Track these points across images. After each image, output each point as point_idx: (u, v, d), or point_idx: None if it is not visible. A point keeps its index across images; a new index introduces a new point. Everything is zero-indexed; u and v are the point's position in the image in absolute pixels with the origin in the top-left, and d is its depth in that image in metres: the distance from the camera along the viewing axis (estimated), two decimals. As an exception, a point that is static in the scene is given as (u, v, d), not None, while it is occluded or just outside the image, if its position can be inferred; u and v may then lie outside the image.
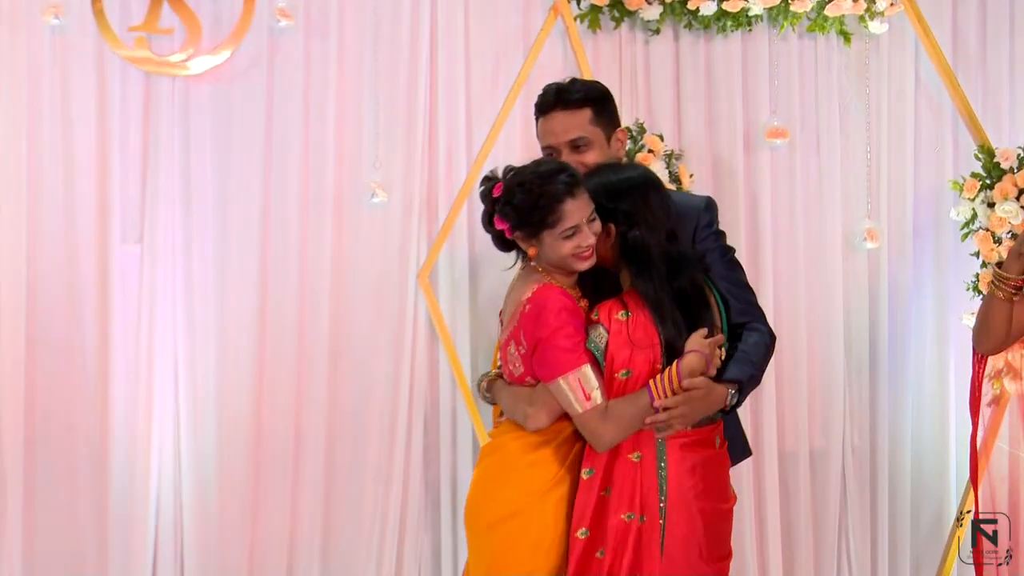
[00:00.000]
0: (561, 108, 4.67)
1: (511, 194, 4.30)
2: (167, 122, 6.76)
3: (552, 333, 4.21)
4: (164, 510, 6.80)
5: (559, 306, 4.23)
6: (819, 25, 7.00)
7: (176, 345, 6.80)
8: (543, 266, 4.38)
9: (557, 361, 4.21)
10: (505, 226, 4.34)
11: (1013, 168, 6.79)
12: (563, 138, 4.67)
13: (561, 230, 4.26)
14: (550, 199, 4.24)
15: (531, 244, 4.33)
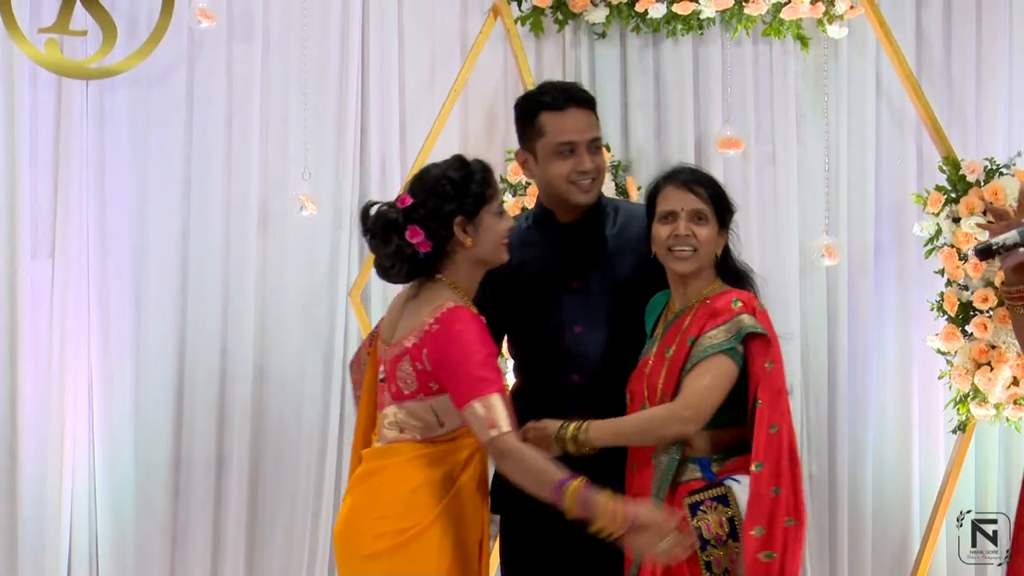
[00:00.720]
0: (575, 106, 4.53)
1: (437, 184, 4.19)
2: (80, 129, 6.68)
3: (467, 357, 4.10)
4: (78, 539, 6.70)
5: (474, 329, 4.14)
6: (775, 29, 6.90)
7: (90, 367, 6.72)
8: (455, 281, 4.25)
9: (473, 383, 4.08)
10: (421, 236, 4.16)
11: (980, 181, 6.63)
12: (586, 135, 4.52)
13: (497, 204, 4.22)
14: (483, 171, 4.22)
15: (467, 234, 4.19)
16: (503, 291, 4.50)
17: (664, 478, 4.23)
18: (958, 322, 6.55)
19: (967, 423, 6.66)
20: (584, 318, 4.51)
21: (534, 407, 4.46)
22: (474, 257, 4.22)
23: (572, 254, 4.54)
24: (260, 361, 6.77)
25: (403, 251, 4.16)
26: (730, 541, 4.15)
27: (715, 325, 4.22)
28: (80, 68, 6.56)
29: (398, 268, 4.21)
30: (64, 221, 6.65)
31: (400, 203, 4.17)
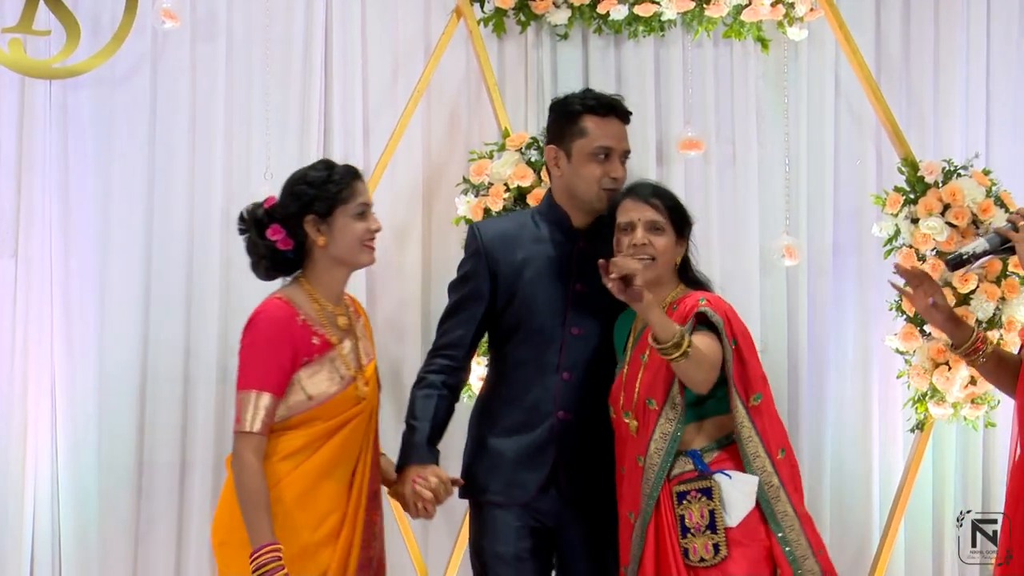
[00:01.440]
0: (616, 116, 4.74)
1: (295, 184, 4.42)
2: (43, 129, 6.63)
3: (249, 345, 4.34)
4: (41, 540, 6.62)
5: (271, 322, 4.33)
6: (735, 31, 6.89)
7: (53, 367, 6.65)
8: (314, 281, 4.45)
9: (242, 374, 4.32)
10: (280, 234, 4.40)
11: (938, 182, 6.64)
12: (622, 145, 4.75)
13: (355, 205, 4.38)
14: (343, 174, 4.42)
15: (320, 233, 4.39)
16: (508, 281, 4.66)
17: (659, 475, 4.41)
18: (917, 322, 6.57)
19: (925, 422, 6.68)
20: (582, 321, 4.65)
21: (517, 401, 4.66)
22: (331, 256, 4.42)
23: (581, 258, 4.64)
24: (224, 362, 6.68)
25: (267, 248, 4.41)
26: (708, 532, 4.36)
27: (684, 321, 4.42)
28: (43, 68, 6.51)
29: (263, 265, 4.46)
30: (27, 220, 6.59)
31: (266, 203, 4.45)
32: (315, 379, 4.35)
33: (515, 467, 4.67)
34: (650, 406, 4.46)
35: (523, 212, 4.94)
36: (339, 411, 4.39)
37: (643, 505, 4.42)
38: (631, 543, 4.45)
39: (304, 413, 4.34)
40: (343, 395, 4.40)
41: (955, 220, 6.52)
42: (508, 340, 4.72)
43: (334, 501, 4.36)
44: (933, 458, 6.97)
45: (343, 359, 4.42)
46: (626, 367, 4.55)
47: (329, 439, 4.37)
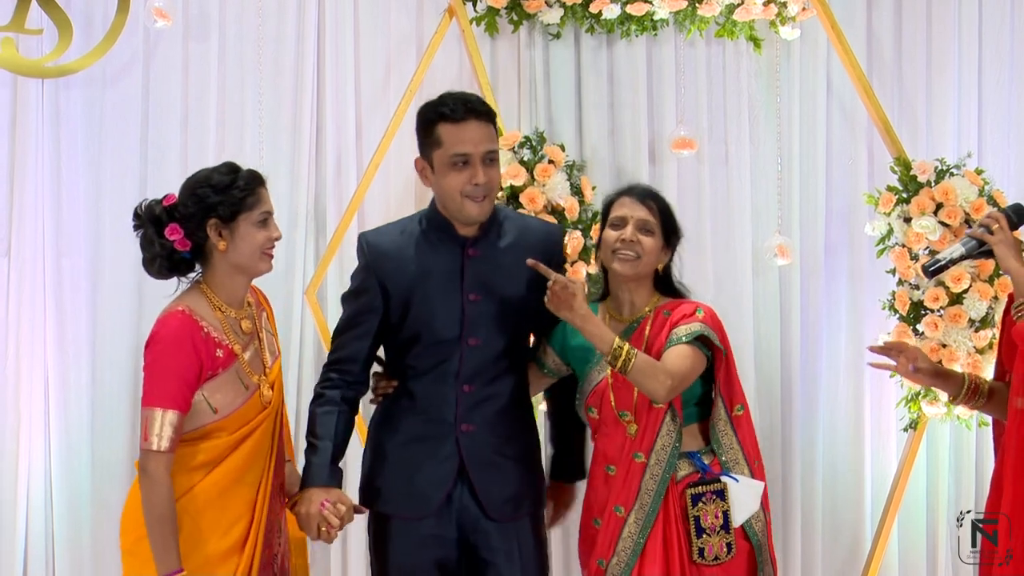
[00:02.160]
0: (473, 117, 4.49)
1: (198, 186, 4.33)
2: (36, 128, 6.63)
3: (154, 361, 4.25)
4: (34, 539, 6.65)
5: (175, 338, 4.24)
6: (728, 30, 6.88)
7: (46, 366, 6.66)
8: (212, 285, 4.38)
9: (148, 390, 4.24)
10: (179, 235, 4.31)
11: (931, 181, 6.65)
12: (480, 148, 4.50)
13: (259, 213, 4.31)
14: (248, 180, 4.34)
15: (222, 238, 4.31)
16: (400, 296, 4.51)
17: (665, 473, 4.53)
18: (909, 321, 6.58)
19: (918, 421, 6.69)
20: (479, 331, 4.52)
21: (418, 412, 4.56)
22: (231, 262, 4.33)
23: (472, 267, 4.53)
24: None
25: (157, 248, 4.33)
26: (722, 531, 4.54)
27: (681, 325, 4.53)
28: (36, 67, 6.51)
29: (158, 264, 4.37)
30: (20, 220, 6.60)
31: (166, 201, 4.35)
32: (220, 393, 4.28)
33: (418, 479, 4.56)
34: (654, 405, 4.50)
35: (411, 219, 4.68)
36: (244, 420, 4.33)
37: (644, 501, 4.51)
38: (618, 536, 4.52)
39: (209, 425, 4.27)
40: (247, 405, 4.34)
41: (948, 219, 6.52)
42: (406, 352, 4.59)
43: (244, 506, 4.32)
44: (927, 457, 6.98)
45: (246, 367, 4.35)
46: (610, 370, 4.57)
47: (237, 448, 4.31)
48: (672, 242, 4.69)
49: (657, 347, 4.52)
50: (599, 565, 4.54)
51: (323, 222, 6.81)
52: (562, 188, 6.45)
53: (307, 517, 4.43)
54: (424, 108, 4.56)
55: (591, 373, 4.65)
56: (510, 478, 4.60)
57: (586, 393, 4.67)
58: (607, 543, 4.53)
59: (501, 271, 4.54)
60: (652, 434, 4.52)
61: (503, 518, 4.58)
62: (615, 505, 4.54)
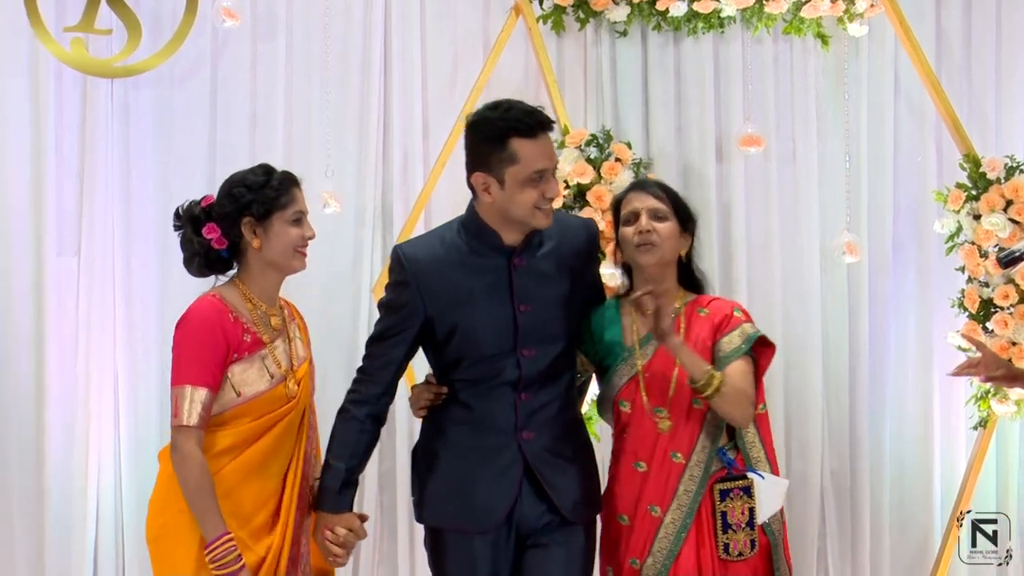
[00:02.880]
0: (542, 131, 4.35)
1: (233, 185, 4.50)
2: (105, 128, 6.69)
3: (183, 341, 4.36)
4: (104, 535, 6.70)
5: (203, 318, 4.36)
6: (795, 27, 6.89)
7: (115, 364, 6.71)
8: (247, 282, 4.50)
9: (177, 369, 4.33)
10: (216, 233, 4.46)
11: (1000, 178, 6.61)
12: (554, 161, 4.42)
13: (292, 212, 4.46)
14: (282, 180, 4.51)
15: (256, 235, 4.43)
16: (447, 312, 4.41)
17: (704, 473, 4.50)
18: (979, 319, 6.54)
19: (988, 419, 6.65)
20: (533, 340, 4.44)
21: (476, 425, 4.49)
22: (264, 259, 4.45)
23: (519, 278, 4.43)
24: None
25: (201, 246, 4.46)
26: (747, 528, 4.52)
27: (728, 331, 4.55)
28: (105, 67, 6.56)
29: (196, 262, 4.50)
30: (89, 218, 6.65)
31: (204, 202, 4.51)
32: (245, 376, 4.35)
33: (479, 492, 4.46)
34: (695, 405, 4.49)
35: (446, 228, 4.51)
36: (268, 409, 4.38)
37: (682, 502, 4.49)
38: (655, 536, 4.50)
39: (233, 409, 4.33)
40: (272, 393, 4.38)
41: (1018, 216, 6.49)
42: (457, 367, 4.49)
43: (261, 499, 4.36)
44: (996, 456, 6.92)
45: (274, 357, 4.42)
46: (642, 362, 4.55)
47: (259, 439, 4.36)
48: (689, 227, 4.66)
49: (701, 345, 4.52)
50: (632, 565, 4.51)
51: (390, 220, 6.83)
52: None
53: (318, 544, 4.51)
54: (487, 121, 4.35)
55: (622, 367, 4.59)
56: (578, 480, 4.56)
57: (617, 387, 4.59)
58: (641, 543, 4.51)
59: (547, 277, 4.47)
60: (692, 434, 4.51)
61: (576, 519, 4.53)
62: (650, 505, 4.50)
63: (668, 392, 4.52)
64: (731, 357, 4.50)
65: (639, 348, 4.56)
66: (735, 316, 4.57)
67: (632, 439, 4.58)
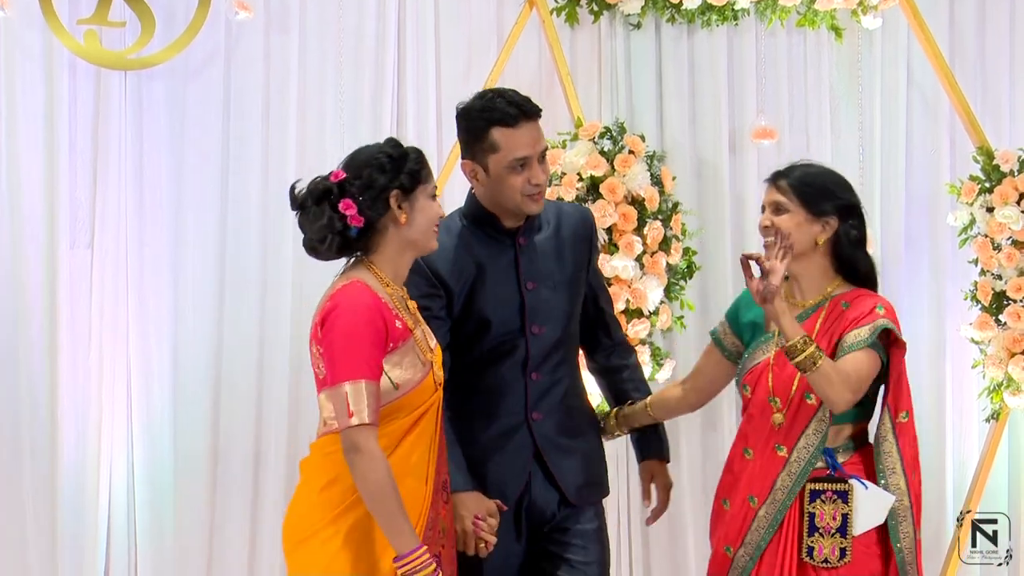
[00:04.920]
0: (526, 119, 4.41)
1: (373, 158, 4.12)
2: (118, 120, 6.64)
3: (342, 333, 3.98)
4: (116, 529, 6.65)
5: (362, 306, 4.00)
6: (809, 19, 6.90)
7: (128, 355, 6.67)
8: (381, 265, 4.13)
9: (340, 365, 3.96)
10: (353, 210, 4.06)
11: (1013, 171, 6.65)
12: (538, 148, 4.45)
13: (432, 186, 4.15)
14: (420, 154, 4.18)
15: (402, 210, 4.09)
16: (461, 290, 4.45)
17: (805, 470, 4.35)
18: (992, 311, 6.56)
19: (1001, 412, 6.66)
20: (540, 318, 4.50)
21: (486, 407, 4.51)
22: (405, 238, 4.11)
23: (524, 256, 4.51)
24: (298, 351, 6.59)
25: (334, 225, 4.07)
26: (836, 535, 4.33)
27: (859, 326, 4.35)
28: (118, 59, 6.54)
29: (328, 243, 4.09)
30: (102, 211, 6.62)
31: (334, 177, 4.11)
32: (400, 368, 4.06)
33: (492, 473, 4.49)
34: (808, 400, 4.37)
35: (450, 217, 4.54)
36: (422, 400, 4.11)
37: (777, 497, 4.38)
38: (749, 527, 4.42)
39: (390, 404, 4.05)
40: (425, 382, 4.12)
41: (1031, 209, 6.52)
42: (470, 350, 4.51)
43: (417, 499, 4.08)
44: (1009, 448, 6.94)
45: (419, 344, 4.14)
46: (774, 351, 4.45)
47: (408, 433, 4.10)
48: (822, 211, 4.46)
49: (830, 340, 4.37)
50: (726, 552, 4.47)
51: (404, 213, 6.79)
52: (642, 178, 6.46)
53: (463, 535, 4.35)
54: (469, 111, 4.47)
55: (754, 351, 4.51)
56: (583, 463, 4.61)
57: (744, 370, 4.52)
58: (736, 531, 4.45)
59: (549, 257, 4.54)
60: (798, 430, 4.37)
61: (581, 502, 4.57)
62: (749, 495, 4.44)
63: (791, 385, 4.40)
64: (853, 347, 4.33)
65: (778, 335, 4.40)
66: (875, 312, 4.38)
67: (746, 425, 4.53)
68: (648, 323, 6.41)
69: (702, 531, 6.90)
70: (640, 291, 6.36)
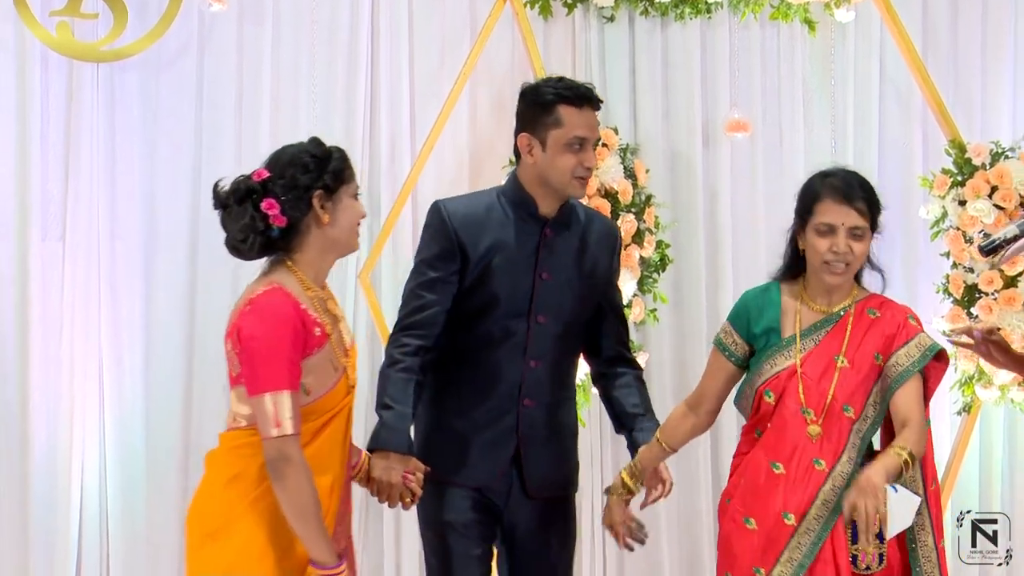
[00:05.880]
0: (590, 106, 4.62)
1: (296, 158, 4.13)
2: (91, 112, 6.64)
3: (262, 340, 3.98)
4: (88, 522, 6.66)
5: (283, 316, 4.00)
6: (782, 13, 6.90)
7: (100, 348, 6.67)
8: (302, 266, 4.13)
9: (264, 375, 3.96)
10: (276, 209, 4.05)
11: (985, 164, 6.64)
12: (595, 134, 4.68)
13: (355, 186, 4.20)
14: (343, 154, 4.22)
15: (325, 210, 4.10)
16: (479, 261, 4.56)
17: (846, 484, 4.23)
18: (964, 304, 6.57)
19: (972, 405, 6.68)
20: (547, 308, 4.59)
21: (482, 385, 4.60)
22: (328, 237, 4.12)
23: (547, 247, 4.60)
24: None
25: (256, 225, 4.07)
26: (876, 541, 4.24)
27: (903, 343, 4.33)
28: (91, 51, 6.53)
29: (251, 243, 4.10)
30: (74, 203, 6.61)
31: (256, 176, 4.11)
32: (313, 374, 4.06)
33: (477, 452, 4.60)
34: (846, 413, 4.30)
35: (487, 192, 4.74)
36: (333, 404, 4.12)
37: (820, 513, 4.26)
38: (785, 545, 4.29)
39: (301, 409, 4.03)
40: (337, 387, 4.12)
41: (1003, 202, 6.52)
42: (472, 324, 4.60)
43: (322, 496, 4.07)
44: (980, 441, 6.95)
45: (334, 348, 4.14)
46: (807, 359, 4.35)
47: (317, 436, 4.10)
48: (877, 226, 4.43)
49: (871, 350, 4.31)
50: (755, 573, 4.30)
51: (377, 205, 6.80)
52: (616, 171, 6.48)
53: (389, 486, 4.38)
54: (542, 87, 4.63)
55: (775, 356, 4.39)
56: (558, 458, 4.69)
57: (766, 376, 4.38)
58: (768, 551, 4.31)
59: (571, 254, 4.63)
60: (839, 443, 4.30)
61: (540, 496, 4.63)
62: (783, 512, 4.30)
63: (827, 395, 4.31)
64: (905, 377, 4.28)
65: (799, 340, 4.37)
66: (910, 324, 4.37)
67: (772, 436, 4.37)
68: (622, 316, 6.40)
69: (675, 531, 6.97)
70: (613, 284, 6.36)
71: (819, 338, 4.35)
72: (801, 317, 4.40)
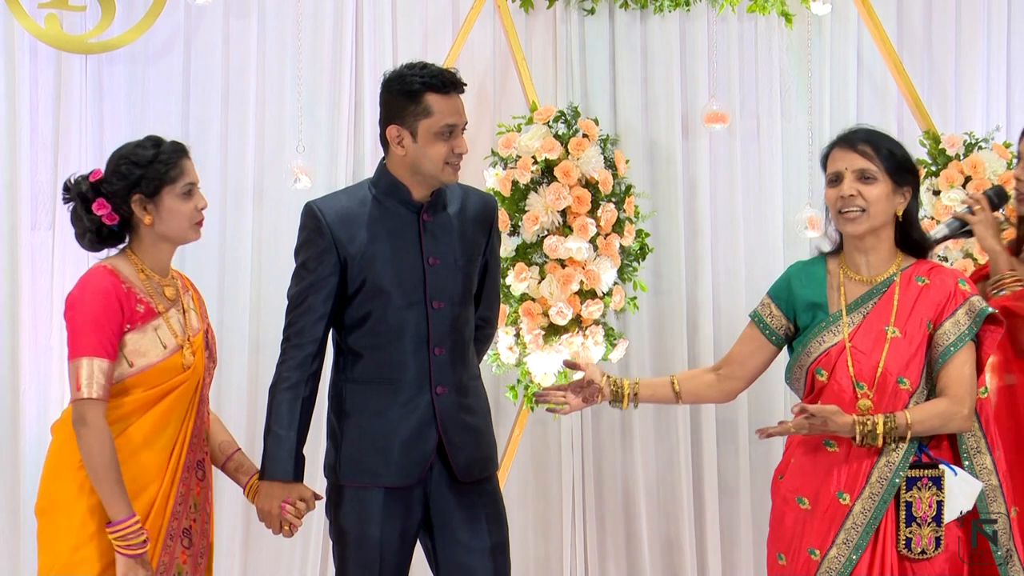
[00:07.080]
0: (455, 91, 4.58)
1: (121, 162, 4.42)
2: (79, 104, 6.64)
3: (78, 312, 4.33)
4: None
5: (100, 290, 4.32)
6: (760, 5, 6.93)
7: (89, 336, 6.60)
8: (140, 254, 4.45)
9: (75, 342, 4.30)
10: (106, 209, 4.39)
11: (959, 155, 6.70)
12: (464, 119, 4.61)
13: (182, 185, 4.40)
14: (171, 153, 4.42)
15: (147, 212, 4.39)
16: (361, 260, 4.51)
17: (904, 460, 4.15)
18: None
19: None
20: (441, 294, 4.56)
21: (390, 381, 4.55)
22: (156, 234, 4.43)
23: (428, 231, 4.57)
24: (256, 334, 6.72)
25: (92, 222, 4.40)
26: (932, 523, 4.16)
27: (953, 310, 4.21)
28: (79, 43, 6.53)
29: (88, 238, 4.45)
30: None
31: (92, 176, 4.45)
32: (138, 346, 4.31)
33: (398, 448, 4.54)
34: (901, 386, 4.18)
35: (359, 186, 4.70)
36: (163, 379, 4.34)
37: (875, 490, 4.16)
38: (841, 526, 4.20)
39: (126, 380, 4.31)
40: (168, 363, 4.35)
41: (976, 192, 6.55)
42: (365, 321, 4.57)
43: (153, 472, 4.32)
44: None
45: (168, 327, 4.39)
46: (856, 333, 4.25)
47: (151, 408, 4.34)
48: (906, 181, 4.26)
49: (920, 321, 4.20)
50: (811, 555, 4.20)
51: (362, 197, 6.81)
52: (596, 162, 6.49)
53: (268, 515, 4.48)
54: (403, 77, 4.52)
55: (823, 333, 4.28)
56: (478, 440, 4.65)
57: (814, 355, 4.27)
58: (823, 532, 4.21)
59: (452, 236, 4.60)
60: None
61: (469, 479, 4.61)
62: (838, 491, 4.20)
63: (877, 368, 4.18)
64: (957, 345, 4.16)
65: (846, 315, 4.26)
66: (959, 289, 4.22)
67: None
68: (602, 304, 6.44)
69: (655, 518, 6.99)
70: (594, 272, 6.40)
71: (867, 311, 4.25)
72: (846, 290, 4.30)
